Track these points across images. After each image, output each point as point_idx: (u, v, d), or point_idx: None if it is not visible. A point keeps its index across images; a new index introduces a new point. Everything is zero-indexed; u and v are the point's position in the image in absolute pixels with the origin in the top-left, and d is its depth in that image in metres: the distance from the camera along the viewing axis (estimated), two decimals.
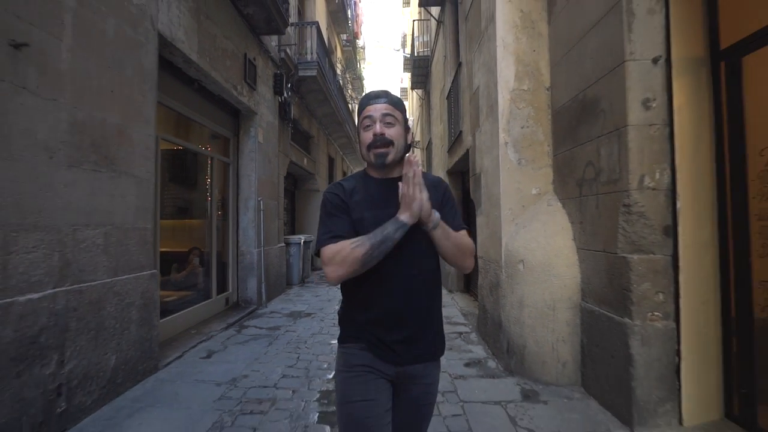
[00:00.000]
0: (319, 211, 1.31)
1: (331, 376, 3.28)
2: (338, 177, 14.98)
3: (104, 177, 2.84)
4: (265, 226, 6.19)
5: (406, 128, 1.28)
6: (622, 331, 2.42)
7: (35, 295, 2.26)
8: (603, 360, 2.66)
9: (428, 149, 10.94)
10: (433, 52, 9.53)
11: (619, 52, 2.44)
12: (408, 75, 15.15)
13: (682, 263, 2.33)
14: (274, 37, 6.74)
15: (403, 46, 21.44)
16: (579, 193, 2.99)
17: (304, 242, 8.60)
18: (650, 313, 2.34)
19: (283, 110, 7.28)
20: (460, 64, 5.66)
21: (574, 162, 3.06)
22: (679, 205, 2.34)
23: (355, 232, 1.19)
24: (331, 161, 13.76)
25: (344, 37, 15.79)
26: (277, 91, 6.90)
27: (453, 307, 5.88)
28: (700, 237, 2.36)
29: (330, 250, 1.16)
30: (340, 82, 12.93)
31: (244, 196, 6.05)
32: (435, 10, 8.56)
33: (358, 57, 19.71)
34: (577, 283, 3.02)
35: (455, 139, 6.24)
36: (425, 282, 1.24)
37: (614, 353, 2.51)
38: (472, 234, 2.77)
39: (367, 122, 1.23)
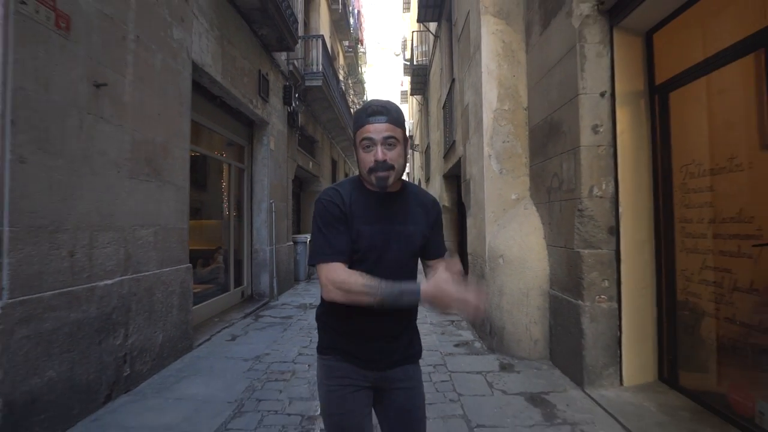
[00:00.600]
0: None
1: None
2: (341, 178, 15.56)
3: (153, 186, 3.43)
4: (276, 226, 6.79)
5: (406, 141, 1.23)
6: (576, 311, 3.01)
7: (109, 281, 2.85)
8: (564, 336, 3.26)
9: (427, 153, 11.52)
10: (430, 62, 10.11)
11: (574, 87, 3.03)
12: (408, 78, 15.73)
13: (623, 256, 2.92)
14: (284, 52, 7.33)
15: (404, 50, 22.04)
16: (548, 198, 3.59)
17: (309, 242, 9.18)
18: (598, 296, 2.93)
19: (291, 118, 7.88)
20: (453, 80, 6.26)
21: (544, 173, 3.66)
22: (621, 210, 2.93)
23: (351, 242, 1.20)
24: (334, 164, 14.35)
25: (346, 43, 16.38)
26: (287, 101, 7.49)
27: None
28: (638, 236, 2.95)
29: (337, 274, 1.13)
30: (343, 88, 13.51)
31: (258, 199, 6.65)
32: (432, 25, 9.14)
33: (359, 62, 20.29)
34: (546, 273, 3.61)
35: (449, 147, 6.84)
36: None
37: (571, 329, 3.10)
38: (462, 237, 3.25)
39: (366, 143, 1.17)
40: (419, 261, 1.36)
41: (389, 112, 1.18)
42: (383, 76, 38.94)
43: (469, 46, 4.77)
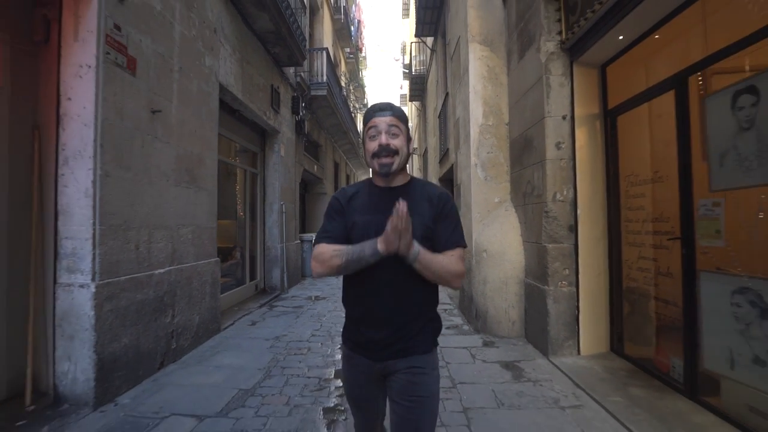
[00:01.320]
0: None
1: None
2: (342, 181, 16.22)
3: (191, 191, 4.09)
4: (286, 226, 7.44)
5: (409, 138, 1.35)
6: (543, 295, 3.66)
7: (162, 270, 3.51)
8: (535, 316, 3.91)
9: (425, 156, 12.17)
10: (428, 72, 10.76)
11: (541, 110, 3.69)
12: (407, 83, 16.38)
13: (580, 249, 3.58)
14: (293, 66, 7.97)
15: (403, 54, 22.68)
16: (524, 202, 4.24)
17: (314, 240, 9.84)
18: (560, 282, 3.58)
19: (298, 126, 8.53)
20: (447, 94, 6.91)
21: (521, 180, 4.31)
22: (579, 212, 3.59)
23: (347, 234, 1.32)
24: (336, 166, 15.00)
25: (348, 50, 17.02)
26: (295, 110, 8.14)
27: (443, 292, 7.14)
28: (593, 233, 3.60)
29: (318, 248, 1.30)
30: (345, 94, 14.16)
31: (270, 201, 7.30)
32: (430, 37, 9.79)
33: (360, 66, 20.94)
34: (522, 265, 4.27)
35: (444, 154, 7.49)
36: (409, 283, 1.26)
37: (539, 310, 3.76)
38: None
39: (372, 132, 1.30)
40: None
41: (393, 108, 1.33)
42: (383, 78, 39.54)
43: (460, 66, 5.43)
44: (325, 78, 9.50)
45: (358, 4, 20.06)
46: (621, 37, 3.16)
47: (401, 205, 1.10)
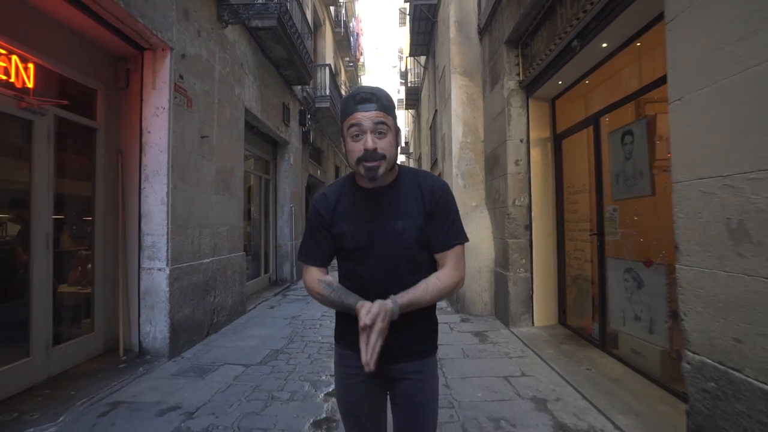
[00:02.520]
0: None
1: None
2: None
3: (226, 198, 5.07)
4: (294, 226, 8.43)
5: (397, 131, 1.19)
6: (505, 280, 4.67)
7: (207, 260, 4.50)
8: (500, 297, 4.92)
9: (420, 161, 13.18)
10: (422, 85, 11.77)
11: (504, 135, 4.70)
12: (404, 88, 17.37)
13: (534, 244, 4.58)
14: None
15: (400, 59, 23.69)
16: (494, 206, 5.25)
17: None
18: (518, 269, 4.59)
19: (305, 136, 9.52)
20: (436, 110, 7.92)
21: (492, 188, 5.32)
22: (533, 214, 4.60)
23: (334, 246, 1.25)
24: (337, 169, 15.99)
25: (347, 59, 18.02)
26: (302, 122, 9.13)
27: None
28: (544, 230, 4.61)
29: (306, 272, 1.28)
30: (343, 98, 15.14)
31: (281, 204, 8.30)
32: (422, 57, 10.80)
33: (358, 72, 21.93)
34: (492, 257, 5.28)
35: (434, 162, 8.50)
36: (405, 285, 1.16)
37: (503, 292, 4.76)
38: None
39: (355, 131, 1.11)
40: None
41: (379, 99, 1.12)
42: (381, 81, 40.50)
43: (445, 91, 6.44)
44: (328, 91, 10.50)
45: (357, 17, 21.05)
46: (560, 82, 4.17)
47: (368, 321, 1.05)
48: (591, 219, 3.88)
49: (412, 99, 13.34)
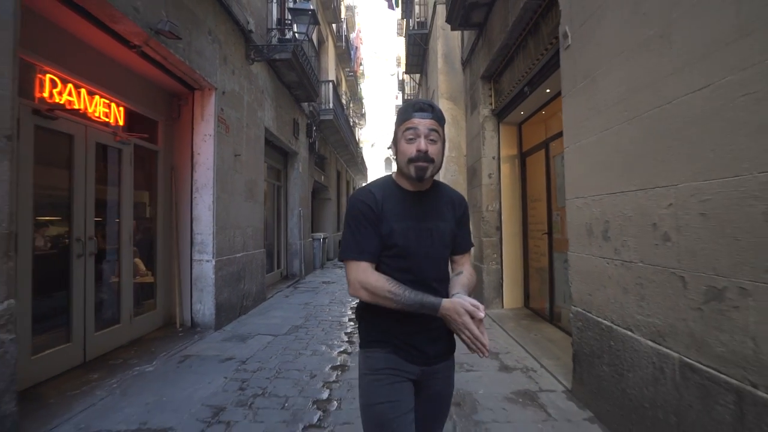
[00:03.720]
0: (330, 215, 2.24)
1: (353, 302, 6.58)
2: (343, 187, 18.29)
3: (251, 204, 6.13)
4: (303, 227, 9.49)
5: (444, 143, 1.30)
6: (481, 271, 5.74)
7: (239, 254, 5.55)
8: (478, 285, 5.98)
9: None
10: (417, 97, 12.84)
11: (480, 152, 5.77)
12: (401, 95, 18.41)
13: (504, 242, 5.65)
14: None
15: (398, 65, 24.80)
16: (473, 211, 6.31)
17: (323, 239, 11.91)
18: (491, 262, 5.66)
19: (311, 146, 10.58)
20: None
21: (471, 196, 6.39)
22: (503, 218, 5.67)
23: (381, 243, 1.24)
24: (339, 174, 17.07)
25: (347, 70, 19.10)
26: (308, 134, 10.19)
27: None
28: (512, 231, 5.68)
29: (365, 275, 1.21)
30: (346, 113, 16.23)
31: (290, 207, 9.36)
32: (417, 75, 11.87)
33: (358, 81, 23.02)
34: (472, 252, 6.34)
35: None
36: (444, 282, 1.29)
37: (480, 281, 5.82)
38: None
39: (410, 134, 1.22)
40: None
41: (434, 111, 1.26)
42: (380, 85, 41.47)
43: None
44: (331, 105, 11.57)
45: (357, 29, 22.14)
46: (522, 112, 5.24)
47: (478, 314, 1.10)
48: (544, 222, 4.95)
49: None
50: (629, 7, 2.17)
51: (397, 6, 14.47)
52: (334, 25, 14.98)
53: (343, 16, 16.81)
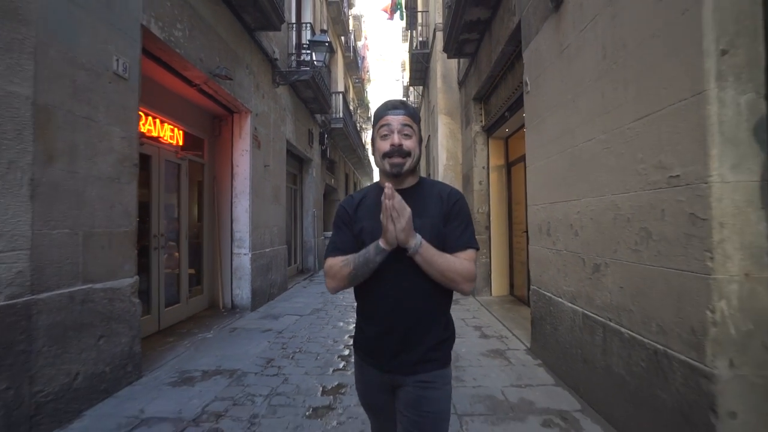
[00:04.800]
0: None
1: None
2: (351, 188, 19.32)
3: (276, 206, 7.16)
4: (316, 226, 10.51)
5: (420, 139, 1.31)
6: None
7: (268, 249, 6.58)
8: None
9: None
10: (419, 106, 13.81)
11: (472, 163, 6.75)
12: (408, 93, 19.41)
13: (492, 239, 6.63)
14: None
15: (402, 70, 25.78)
16: None
17: None
18: (481, 257, 6.63)
19: (323, 153, 11.61)
20: (429, 136, 9.98)
21: (467, 201, 7.36)
22: (491, 218, 6.65)
23: (357, 242, 1.27)
24: (347, 177, 18.10)
25: (355, 77, 20.13)
26: (321, 142, 11.21)
27: None
28: (499, 230, 6.66)
29: (328, 263, 1.28)
30: (354, 119, 17.25)
31: (306, 209, 10.39)
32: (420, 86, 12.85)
33: (364, 87, 24.04)
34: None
35: (427, 176, 10.56)
36: (420, 292, 1.21)
37: None
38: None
39: (384, 131, 1.25)
40: None
41: (406, 107, 1.29)
42: (385, 88, 42.45)
43: (434, 124, 8.50)
44: (341, 114, 12.59)
45: (365, 37, 23.15)
46: (507, 130, 6.21)
47: (387, 188, 1.08)
48: (524, 222, 5.92)
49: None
50: (558, 75, 3.16)
51: (401, 19, 15.43)
52: (342, 38, 16.00)
53: (351, 27, 17.83)
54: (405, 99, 20.31)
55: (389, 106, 1.28)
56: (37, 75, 2.35)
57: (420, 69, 10.65)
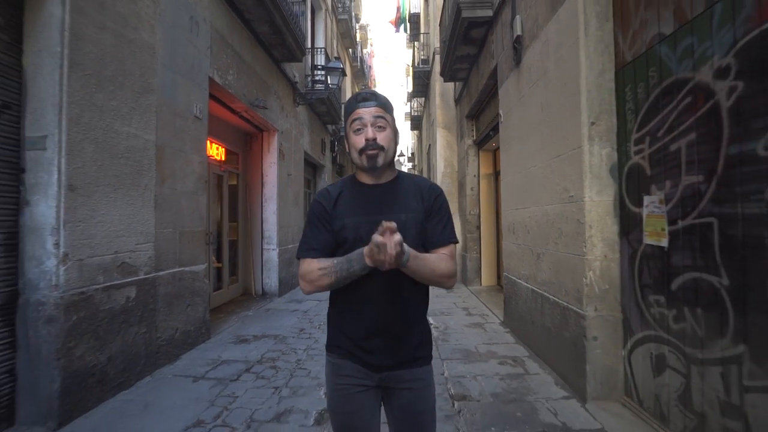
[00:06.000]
0: None
1: None
2: None
3: (296, 209, 8.30)
4: None
5: (395, 131, 1.27)
6: (465, 258, 7.82)
7: (290, 246, 7.73)
8: (463, 269, 8.08)
9: (420, 174, 16.34)
10: (422, 115, 14.94)
11: (465, 171, 7.86)
12: (410, 104, 20.50)
13: (482, 237, 7.74)
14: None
15: (407, 75, 26.87)
16: (461, 215, 8.39)
17: None
18: (472, 252, 7.75)
19: (334, 159, 12.75)
20: (429, 145, 11.08)
21: (461, 203, 8.47)
22: (481, 219, 7.75)
23: (338, 238, 1.23)
24: None
25: (362, 85, 21.26)
26: (331, 150, 12.36)
27: None
28: (488, 229, 7.76)
29: (304, 266, 1.23)
30: None
31: None
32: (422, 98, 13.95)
33: None
34: (462, 246, 8.43)
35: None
36: (405, 288, 1.21)
37: (464, 266, 7.91)
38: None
39: (357, 125, 1.22)
40: None
41: (378, 98, 1.24)
42: (390, 91, 43.46)
43: (433, 135, 9.61)
44: None
45: (370, 45, 24.26)
46: (494, 144, 7.31)
47: (384, 226, 1.02)
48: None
49: (416, 123, 16.52)
50: (519, 115, 4.27)
51: (406, 31, 16.54)
52: (350, 50, 17.13)
53: (358, 39, 18.95)
54: (406, 102, 21.39)
55: (359, 99, 1.25)
56: (157, 125, 3.50)
57: (422, 83, 11.76)
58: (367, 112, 1.21)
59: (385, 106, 1.25)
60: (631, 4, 2.58)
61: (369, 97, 1.24)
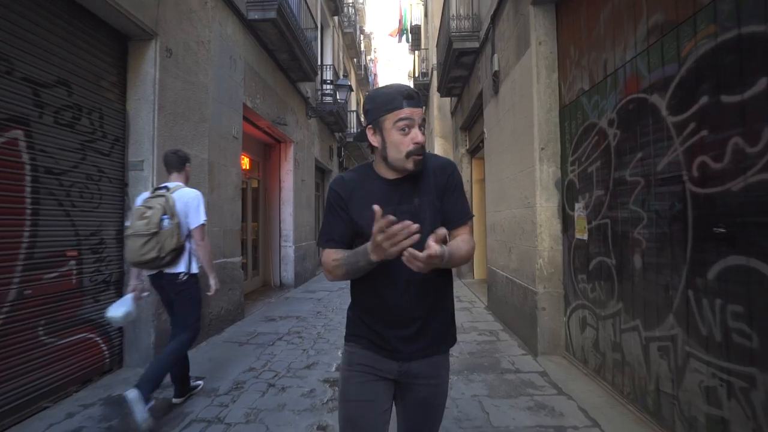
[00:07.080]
0: None
1: None
2: None
3: (308, 211, 9.26)
4: None
5: None
6: None
7: (303, 244, 8.70)
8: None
9: None
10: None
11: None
12: None
13: (475, 236, 8.63)
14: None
15: (409, 78, 27.83)
16: None
17: None
18: None
19: (340, 163, 13.71)
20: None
21: None
22: (474, 221, 8.66)
23: (353, 231, 1.23)
24: None
25: (366, 91, 22.23)
26: (339, 155, 13.32)
27: None
28: (481, 229, 8.68)
29: (323, 255, 1.26)
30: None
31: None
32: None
33: None
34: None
35: None
36: (429, 276, 1.13)
37: None
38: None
39: (403, 124, 1.14)
40: None
41: (421, 100, 1.20)
42: None
43: (431, 143, 10.55)
44: (355, 129, 14.67)
45: (374, 51, 25.24)
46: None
47: (387, 219, 0.97)
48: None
49: None
50: (497, 135, 5.21)
51: (407, 42, 17.49)
52: (355, 59, 18.10)
53: (362, 48, 19.93)
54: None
55: (406, 95, 1.15)
56: (209, 146, 4.47)
57: (422, 94, 12.69)
58: (415, 113, 1.15)
59: (423, 108, 1.23)
60: (567, 63, 3.52)
61: (415, 95, 1.17)
